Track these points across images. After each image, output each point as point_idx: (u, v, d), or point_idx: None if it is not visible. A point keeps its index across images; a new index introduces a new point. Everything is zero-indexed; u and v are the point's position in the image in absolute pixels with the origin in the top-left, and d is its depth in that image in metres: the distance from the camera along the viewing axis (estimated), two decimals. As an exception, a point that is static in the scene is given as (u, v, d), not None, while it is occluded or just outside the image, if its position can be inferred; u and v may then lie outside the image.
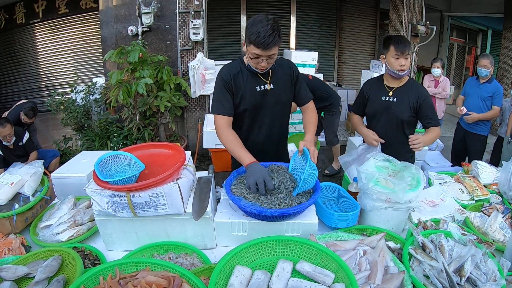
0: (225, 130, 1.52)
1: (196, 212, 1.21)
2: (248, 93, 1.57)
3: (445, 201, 1.66)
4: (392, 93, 1.87)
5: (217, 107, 1.56)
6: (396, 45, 1.75)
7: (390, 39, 1.81)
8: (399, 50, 1.75)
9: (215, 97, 1.59)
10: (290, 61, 1.71)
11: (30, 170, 1.58)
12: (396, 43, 1.76)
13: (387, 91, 1.89)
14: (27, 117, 3.82)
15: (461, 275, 1.06)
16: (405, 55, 1.76)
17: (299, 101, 1.74)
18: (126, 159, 1.31)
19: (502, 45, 5.95)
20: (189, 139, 4.59)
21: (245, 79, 1.57)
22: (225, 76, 1.56)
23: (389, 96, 1.87)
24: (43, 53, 6.62)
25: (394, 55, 1.77)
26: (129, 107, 3.79)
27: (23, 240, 1.33)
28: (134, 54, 3.39)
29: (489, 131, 3.35)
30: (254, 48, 1.38)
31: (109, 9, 4.50)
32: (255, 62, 1.46)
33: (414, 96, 1.83)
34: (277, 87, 1.62)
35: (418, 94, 1.83)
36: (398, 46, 1.75)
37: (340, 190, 1.62)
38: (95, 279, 0.96)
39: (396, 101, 1.85)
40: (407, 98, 1.84)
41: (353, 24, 6.93)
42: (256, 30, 1.34)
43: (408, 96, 1.84)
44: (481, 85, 3.22)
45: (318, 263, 1.06)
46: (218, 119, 1.56)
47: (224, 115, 1.55)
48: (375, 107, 1.93)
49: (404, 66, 1.77)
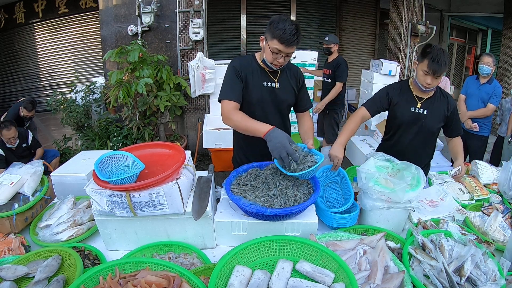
0: (233, 112, 1.52)
1: (196, 212, 1.21)
2: (255, 86, 1.61)
3: (445, 200, 1.66)
4: (421, 105, 1.77)
5: (226, 92, 1.57)
6: (431, 62, 1.60)
7: (429, 53, 1.62)
8: (431, 68, 1.61)
9: (225, 84, 1.60)
10: (299, 68, 1.77)
11: (29, 170, 1.58)
12: (433, 60, 1.60)
13: (415, 101, 1.78)
14: (26, 110, 3.85)
15: (461, 274, 1.06)
16: (435, 75, 1.63)
17: (299, 107, 1.78)
18: (126, 158, 1.31)
19: (502, 45, 5.95)
20: (189, 138, 4.59)
21: (254, 73, 1.62)
22: (237, 65, 1.60)
23: (419, 108, 1.77)
24: (43, 52, 6.63)
25: (425, 70, 1.64)
26: (129, 107, 3.79)
27: (23, 240, 1.33)
28: (134, 54, 3.39)
29: (490, 132, 3.35)
30: (277, 43, 1.44)
31: (109, 8, 4.50)
32: (273, 57, 1.51)
33: (445, 106, 1.77)
34: (282, 87, 1.67)
35: (448, 104, 1.77)
36: (432, 64, 1.60)
37: (342, 173, 1.63)
38: (95, 279, 0.96)
39: (426, 113, 1.76)
40: (438, 110, 1.76)
41: (353, 23, 6.93)
42: (283, 27, 1.40)
43: (439, 107, 1.77)
44: (481, 86, 3.21)
45: (318, 262, 1.06)
46: (226, 104, 1.54)
47: (233, 100, 1.55)
48: (403, 118, 1.81)
49: (430, 85, 1.66)
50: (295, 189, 1.30)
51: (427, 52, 1.63)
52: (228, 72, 1.62)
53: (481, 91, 3.21)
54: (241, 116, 1.49)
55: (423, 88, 1.70)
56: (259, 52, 1.68)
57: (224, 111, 1.55)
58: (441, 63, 1.59)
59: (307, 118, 1.78)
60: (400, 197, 1.30)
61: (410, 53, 5.00)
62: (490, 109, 3.17)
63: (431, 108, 1.77)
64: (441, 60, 1.60)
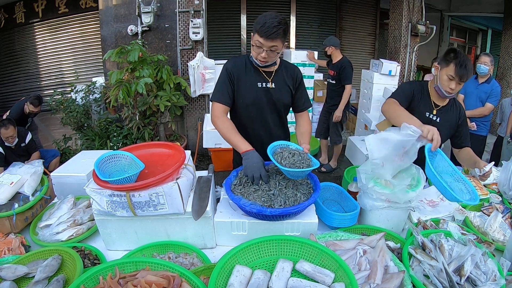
0: (220, 117, 1.55)
1: (196, 212, 1.21)
2: (249, 87, 1.61)
3: (445, 200, 1.66)
4: (437, 112, 1.74)
5: (216, 94, 1.60)
6: (458, 68, 1.56)
7: (455, 57, 1.58)
8: (458, 74, 1.57)
9: (217, 86, 1.63)
10: (297, 67, 1.74)
11: (29, 170, 1.58)
12: (460, 65, 1.56)
13: (432, 107, 1.74)
14: (33, 105, 3.84)
15: (461, 274, 1.06)
16: (461, 81, 1.59)
17: (297, 107, 1.74)
18: (126, 158, 1.31)
19: (502, 45, 5.95)
20: (189, 138, 4.59)
21: (248, 73, 1.61)
22: (230, 67, 1.61)
23: (434, 115, 1.74)
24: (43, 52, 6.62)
25: (450, 75, 1.59)
26: (129, 107, 3.79)
27: (23, 240, 1.33)
28: (134, 54, 3.39)
29: (488, 131, 3.35)
30: (258, 36, 1.44)
31: (109, 8, 4.50)
32: (256, 52, 1.50)
33: (456, 116, 1.75)
34: (278, 87, 1.64)
35: (459, 115, 1.75)
36: (460, 69, 1.56)
37: (340, 190, 1.62)
38: (95, 278, 0.96)
39: (439, 121, 1.72)
40: (449, 119, 1.74)
41: (353, 23, 6.92)
42: (263, 20, 1.41)
43: (451, 117, 1.75)
44: (480, 86, 3.21)
45: (318, 262, 1.06)
46: (215, 106, 1.59)
47: (222, 103, 1.58)
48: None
49: (453, 90, 1.62)
50: (295, 189, 1.31)
51: (453, 57, 1.59)
52: (221, 74, 1.63)
53: (479, 90, 3.21)
54: (227, 126, 1.52)
55: (445, 94, 1.65)
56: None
57: (213, 113, 1.58)
58: (469, 68, 1.56)
59: (305, 119, 1.73)
60: (400, 198, 1.30)
61: (410, 53, 5.01)
62: (488, 108, 3.17)
63: (444, 116, 1.73)
64: (468, 65, 1.56)
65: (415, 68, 5.09)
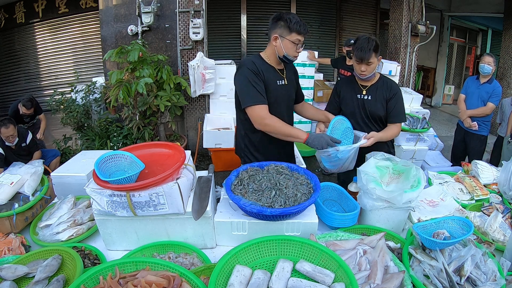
0: (268, 117, 1.59)
1: (196, 212, 1.21)
2: (272, 86, 1.66)
3: (445, 200, 1.66)
4: (366, 92, 1.92)
5: (255, 97, 1.58)
6: (356, 52, 1.79)
7: (354, 44, 1.82)
8: (358, 57, 1.79)
9: (248, 90, 1.59)
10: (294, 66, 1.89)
11: (30, 170, 1.58)
12: (357, 49, 1.78)
13: (361, 89, 1.94)
14: (25, 108, 3.85)
15: (461, 275, 1.06)
16: (365, 62, 1.78)
17: (299, 98, 1.93)
18: (126, 158, 1.31)
19: (502, 45, 5.95)
20: (189, 138, 4.59)
21: (269, 72, 1.66)
22: (254, 68, 1.61)
23: (364, 94, 1.93)
24: (43, 52, 6.62)
25: (355, 60, 1.82)
26: (129, 107, 3.78)
27: (23, 240, 1.33)
28: (134, 54, 3.38)
29: (489, 131, 3.35)
30: (296, 35, 1.58)
31: (109, 8, 4.50)
32: (295, 49, 1.61)
33: (385, 93, 1.89)
34: (289, 84, 1.76)
35: (389, 92, 1.88)
36: (357, 53, 1.78)
37: (340, 190, 1.62)
38: (95, 278, 0.96)
39: (370, 98, 1.91)
40: (379, 95, 1.89)
41: (353, 23, 6.92)
42: (295, 20, 1.56)
43: (380, 94, 1.90)
44: (481, 86, 3.21)
45: (318, 262, 1.06)
46: (258, 109, 1.58)
47: (263, 103, 1.60)
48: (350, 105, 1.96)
49: (365, 72, 1.82)
50: (295, 189, 1.30)
51: (354, 44, 1.83)
52: (247, 76, 1.58)
53: (481, 90, 3.21)
54: (278, 123, 1.58)
55: (360, 77, 1.86)
56: (263, 52, 1.70)
57: (258, 116, 1.58)
58: (365, 50, 1.75)
59: (307, 104, 1.98)
60: (398, 201, 1.30)
61: (410, 53, 5.00)
62: (489, 108, 3.17)
63: (375, 94, 1.91)
64: (364, 47, 1.75)
65: (415, 68, 5.09)
